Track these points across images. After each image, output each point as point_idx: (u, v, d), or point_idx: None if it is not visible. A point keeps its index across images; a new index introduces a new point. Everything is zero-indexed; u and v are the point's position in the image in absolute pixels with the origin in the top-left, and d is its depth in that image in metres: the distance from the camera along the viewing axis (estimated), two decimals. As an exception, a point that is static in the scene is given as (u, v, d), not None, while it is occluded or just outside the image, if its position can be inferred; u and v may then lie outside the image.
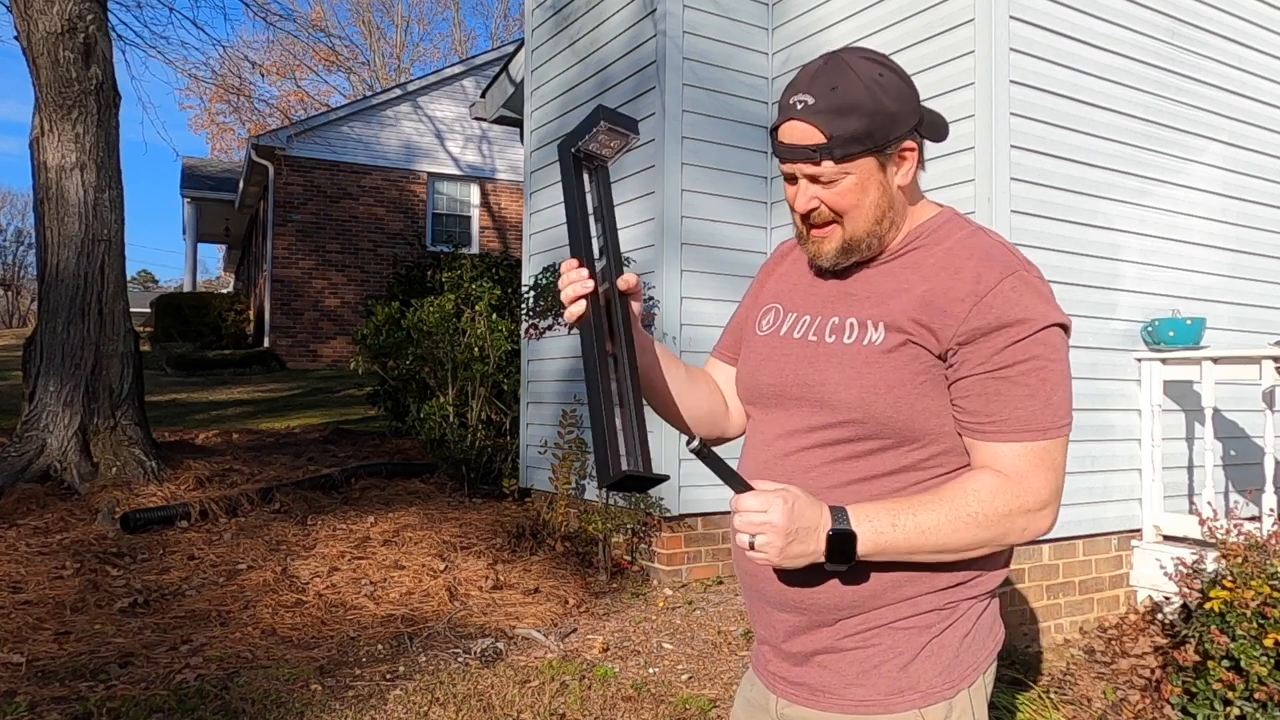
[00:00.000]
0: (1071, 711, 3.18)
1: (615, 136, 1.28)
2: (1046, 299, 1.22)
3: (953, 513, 1.19)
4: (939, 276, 1.25)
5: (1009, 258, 1.25)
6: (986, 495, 1.20)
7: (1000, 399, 1.21)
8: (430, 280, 10.73)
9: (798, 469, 1.30)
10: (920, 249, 1.30)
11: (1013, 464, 1.21)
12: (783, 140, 1.26)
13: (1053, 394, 1.21)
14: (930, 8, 4.22)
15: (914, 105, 1.26)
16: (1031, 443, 1.21)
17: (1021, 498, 1.21)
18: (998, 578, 1.33)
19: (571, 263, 1.27)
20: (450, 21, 46.30)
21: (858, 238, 1.29)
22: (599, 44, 5.70)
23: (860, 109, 1.21)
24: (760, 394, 1.39)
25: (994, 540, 1.22)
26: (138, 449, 6.49)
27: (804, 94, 1.23)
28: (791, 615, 1.31)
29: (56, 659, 3.56)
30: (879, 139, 1.22)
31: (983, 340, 1.21)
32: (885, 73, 1.24)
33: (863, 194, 1.26)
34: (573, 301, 1.25)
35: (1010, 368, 1.20)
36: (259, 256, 18.72)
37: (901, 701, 1.25)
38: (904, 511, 1.20)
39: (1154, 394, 4.26)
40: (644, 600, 4.61)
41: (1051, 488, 1.22)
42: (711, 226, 5.11)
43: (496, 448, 6.98)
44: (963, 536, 1.20)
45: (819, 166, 1.24)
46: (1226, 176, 4.71)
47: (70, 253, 6.54)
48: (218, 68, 21.28)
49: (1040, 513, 1.22)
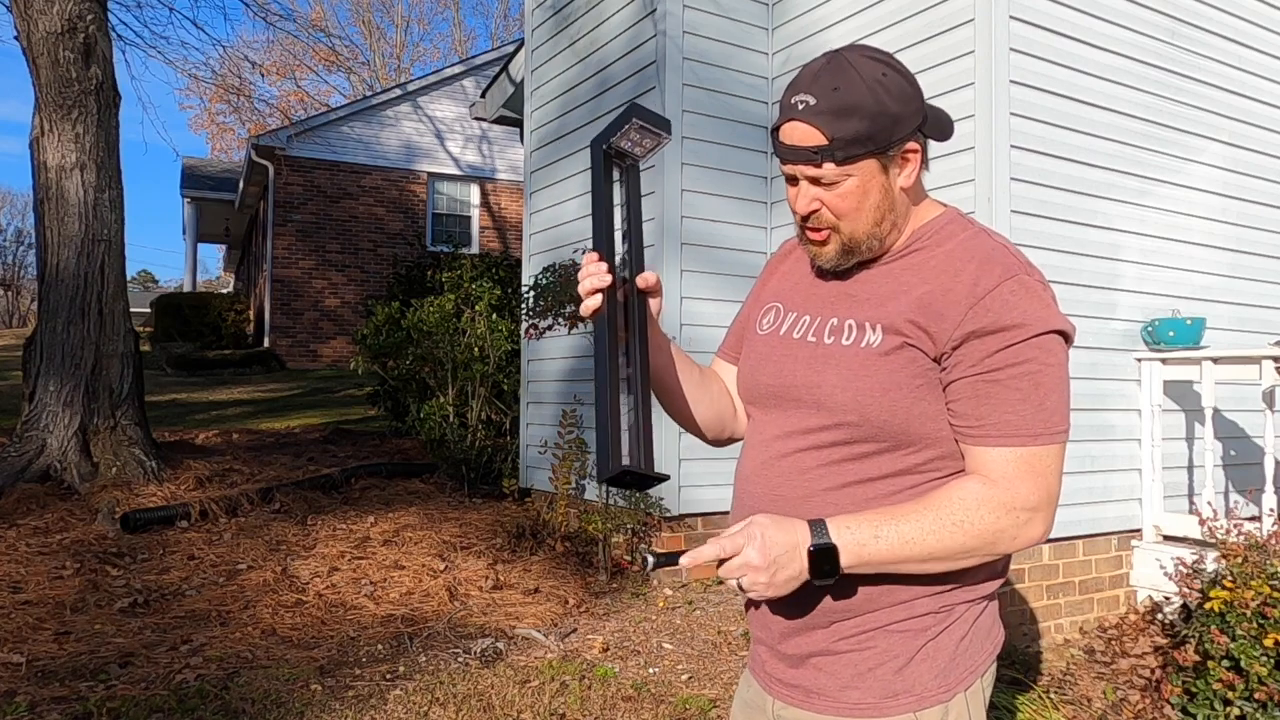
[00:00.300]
0: (1071, 711, 3.18)
1: (647, 135, 1.27)
2: (1046, 304, 1.20)
3: (937, 522, 1.17)
4: (939, 279, 1.24)
5: (1010, 261, 1.23)
6: (972, 503, 1.18)
7: (990, 402, 1.19)
8: (430, 280, 10.74)
9: (794, 471, 1.29)
10: (922, 250, 1.28)
11: (1001, 469, 1.19)
12: (783, 141, 1.25)
13: (1045, 399, 1.18)
14: (930, 8, 4.22)
15: (918, 105, 1.24)
16: (1021, 448, 1.18)
17: (1008, 505, 1.18)
18: (996, 581, 1.31)
19: (592, 255, 1.26)
20: (450, 21, 46.34)
21: (858, 240, 1.27)
22: (599, 44, 5.70)
23: (862, 110, 1.19)
24: (759, 394, 1.38)
25: (981, 549, 1.19)
26: (138, 449, 6.49)
27: (805, 94, 1.21)
28: (787, 617, 1.30)
29: (56, 659, 3.56)
30: (881, 141, 1.20)
31: (977, 342, 1.19)
32: (889, 72, 1.22)
33: (864, 196, 1.24)
34: (590, 294, 1.24)
35: (1001, 370, 1.18)
36: (259, 256, 18.72)
37: (896, 705, 1.24)
38: (887, 522, 1.17)
39: (1154, 394, 4.26)
40: (644, 600, 4.61)
41: (1041, 495, 1.19)
42: (711, 226, 5.11)
43: (496, 448, 6.98)
44: (948, 545, 1.17)
45: (820, 169, 1.22)
46: (1226, 176, 4.71)
47: (70, 253, 6.54)
48: (218, 68, 21.30)
49: (1029, 521, 1.19)
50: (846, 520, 1.18)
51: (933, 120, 1.27)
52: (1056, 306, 1.23)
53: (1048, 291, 1.22)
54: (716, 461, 4.87)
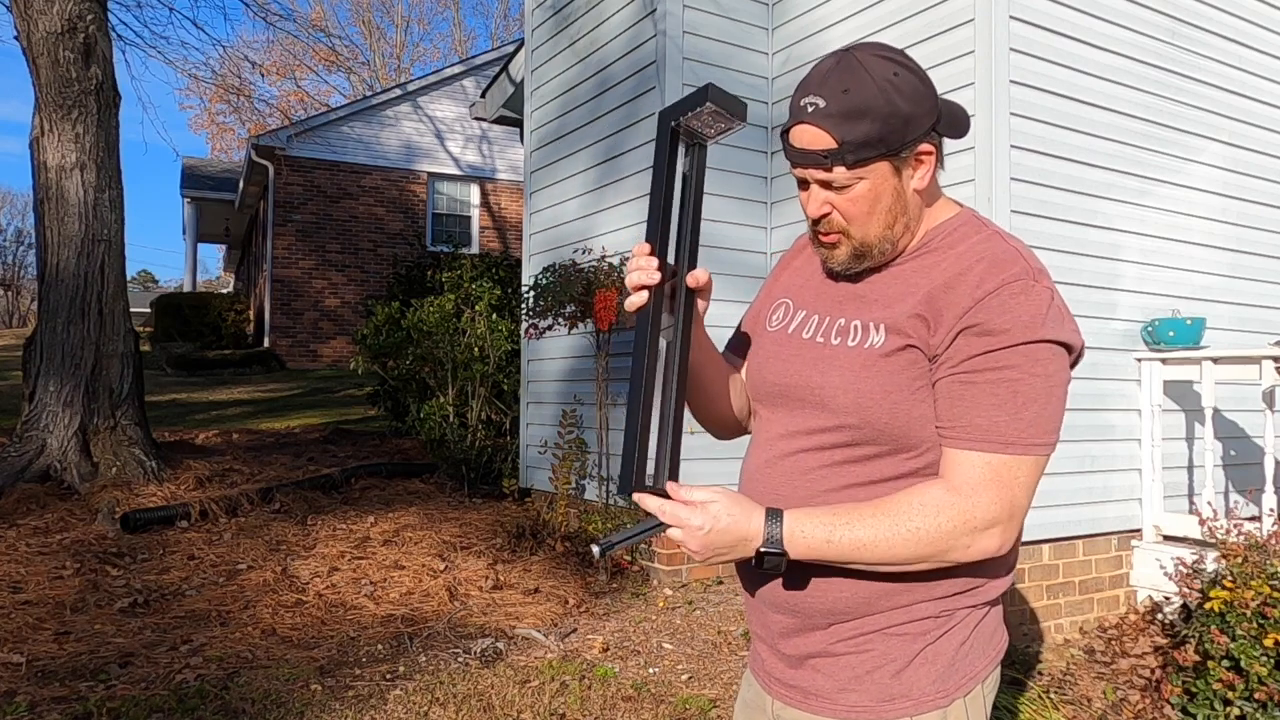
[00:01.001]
0: (1071, 711, 3.18)
1: (720, 119, 1.20)
2: (1044, 312, 1.16)
3: (891, 529, 1.15)
4: (945, 278, 1.22)
5: (1017, 265, 1.19)
6: (930, 510, 1.15)
7: (964, 403, 1.17)
8: (430, 280, 10.75)
9: (796, 471, 1.28)
10: (934, 252, 1.26)
11: (965, 475, 1.16)
12: (793, 144, 1.22)
13: (1024, 409, 1.15)
14: (930, 8, 4.22)
15: (931, 104, 1.20)
16: (990, 454, 1.15)
17: (966, 515, 1.15)
18: (999, 586, 1.29)
19: (644, 247, 1.21)
20: (450, 21, 46.34)
21: (869, 244, 1.25)
22: (599, 44, 5.70)
23: (873, 112, 1.16)
24: (766, 391, 1.37)
25: (935, 557, 1.17)
26: (138, 449, 6.49)
27: (815, 96, 1.18)
28: (786, 617, 1.30)
29: (56, 659, 3.56)
30: (893, 143, 1.17)
31: (963, 342, 1.17)
32: (901, 71, 1.18)
33: (876, 200, 1.21)
34: (636, 289, 1.20)
35: (980, 373, 1.16)
36: (259, 256, 18.72)
37: (893, 709, 1.23)
38: (842, 525, 1.16)
39: (1154, 394, 4.26)
40: (644, 600, 4.60)
41: (1001, 507, 1.16)
42: (711, 226, 5.10)
43: (496, 448, 6.98)
44: (899, 553, 1.16)
45: (830, 173, 1.19)
46: (1226, 176, 4.71)
47: (70, 253, 6.54)
48: (218, 68, 21.31)
49: (986, 532, 1.16)
50: (805, 520, 1.17)
51: (947, 118, 1.24)
52: (1063, 316, 1.18)
53: (1055, 300, 1.18)
54: (719, 462, 4.85)
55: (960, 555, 1.17)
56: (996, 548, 1.18)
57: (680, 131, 1.23)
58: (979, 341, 1.16)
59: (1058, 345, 1.17)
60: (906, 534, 1.15)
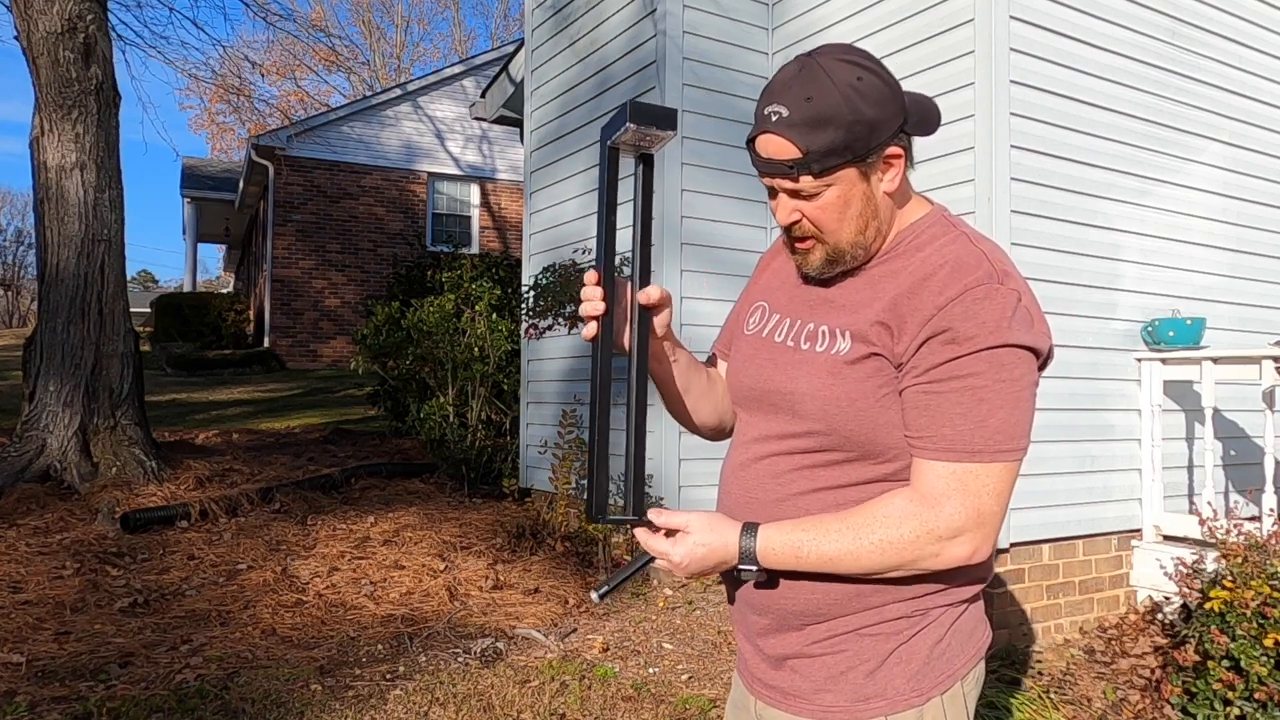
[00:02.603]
0: (1071, 711, 3.18)
1: (646, 137, 1.21)
2: (1008, 316, 1.14)
3: (857, 541, 1.17)
4: (909, 284, 1.21)
5: (983, 268, 1.17)
6: (895, 520, 1.16)
7: (929, 413, 1.16)
8: (430, 280, 10.74)
9: (768, 474, 1.30)
10: (901, 256, 1.25)
11: (931, 484, 1.16)
12: (759, 153, 1.21)
13: (989, 416, 1.13)
14: (930, 8, 4.22)
15: (897, 106, 1.19)
16: (956, 464, 1.15)
17: (930, 525, 1.15)
18: (975, 586, 1.29)
19: (591, 276, 1.23)
20: (450, 21, 46.34)
21: (842, 250, 1.24)
22: (599, 44, 5.70)
23: (837, 120, 1.15)
24: (742, 395, 1.38)
25: (906, 565, 1.17)
26: (138, 449, 6.49)
27: (778, 104, 1.17)
28: (763, 618, 1.31)
29: (56, 659, 3.56)
30: (859, 149, 1.16)
31: (927, 351, 1.16)
32: (864, 75, 1.17)
33: (845, 207, 1.21)
34: (588, 320, 1.24)
35: (944, 382, 1.15)
36: (259, 256, 18.72)
37: (868, 709, 1.23)
38: (810, 542, 1.19)
39: (1154, 394, 4.26)
40: (644, 600, 4.60)
41: (968, 515, 1.15)
42: (711, 226, 5.11)
43: (496, 448, 6.98)
44: (868, 564, 1.17)
45: (797, 182, 1.19)
46: (1226, 176, 4.71)
47: (70, 253, 6.54)
48: (218, 68, 21.29)
49: (953, 540, 1.15)
50: (774, 539, 1.21)
51: (916, 116, 1.22)
52: (1031, 319, 1.17)
53: (1022, 303, 1.16)
54: (718, 462, 4.87)
55: (932, 563, 1.18)
56: (968, 555, 1.17)
57: (617, 149, 1.25)
58: (943, 350, 1.15)
59: (1024, 350, 1.15)
60: (872, 546, 1.17)
